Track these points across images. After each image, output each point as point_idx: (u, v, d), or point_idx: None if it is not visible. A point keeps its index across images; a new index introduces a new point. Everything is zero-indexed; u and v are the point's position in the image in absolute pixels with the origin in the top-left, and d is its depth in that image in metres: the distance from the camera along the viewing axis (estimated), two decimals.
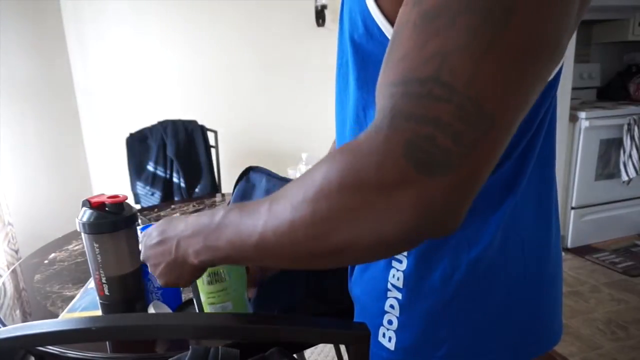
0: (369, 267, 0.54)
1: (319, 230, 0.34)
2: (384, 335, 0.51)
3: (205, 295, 0.63)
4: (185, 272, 0.51)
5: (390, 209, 0.31)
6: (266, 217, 0.38)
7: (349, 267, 0.61)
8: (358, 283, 0.57)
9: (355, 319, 0.58)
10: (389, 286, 0.50)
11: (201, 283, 0.62)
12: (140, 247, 0.56)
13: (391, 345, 0.50)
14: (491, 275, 0.48)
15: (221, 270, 0.61)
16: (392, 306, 0.50)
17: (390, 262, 0.50)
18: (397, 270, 0.50)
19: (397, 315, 0.50)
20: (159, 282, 0.54)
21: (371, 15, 0.42)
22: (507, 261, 0.48)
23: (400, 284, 0.50)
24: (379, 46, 0.43)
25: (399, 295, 0.50)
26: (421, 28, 0.32)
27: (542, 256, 0.51)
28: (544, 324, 0.52)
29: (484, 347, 0.49)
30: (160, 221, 0.55)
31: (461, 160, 0.30)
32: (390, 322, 0.51)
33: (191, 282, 0.53)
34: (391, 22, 0.41)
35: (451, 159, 0.30)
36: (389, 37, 0.41)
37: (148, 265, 0.55)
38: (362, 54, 0.46)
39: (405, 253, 0.50)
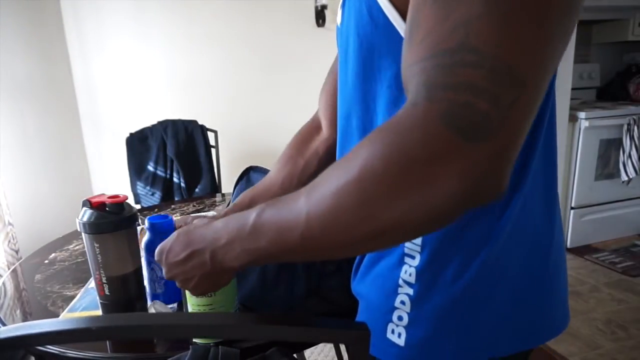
0: (377, 263, 0.54)
1: (367, 211, 0.34)
2: (392, 331, 0.51)
3: (192, 305, 0.63)
4: (222, 277, 0.52)
5: (439, 180, 0.31)
6: (307, 209, 0.37)
7: (354, 265, 0.61)
8: (364, 280, 0.56)
9: (359, 317, 0.58)
10: (401, 282, 0.51)
11: (189, 295, 0.62)
12: (160, 259, 0.55)
13: (401, 341, 0.50)
14: (500, 270, 0.48)
15: None
16: (402, 302, 0.50)
17: (403, 259, 0.51)
18: (410, 266, 0.50)
19: (408, 311, 0.50)
20: (192, 292, 0.55)
21: (378, 4, 0.43)
22: (513, 255, 0.49)
23: (412, 280, 0.50)
24: (383, 34, 0.44)
25: (411, 291, 0.50)
26: (440, 3, 0.33)
27: (546, 248, 0.52)
28: (549, 314, 0.53)
29: (492, 341, 0.49)
30: (176, 235, 0.53)
31: (501, 122, 0.31)
32: (400, 318, 0.51)
33: (227, 284, 0.54)
34: (396, 7, 0.42)
35: (491, 123, 0.31)
36: (394, 22, 0.43)
37: (176, 281, 0.54)
38: (367, 44, 0.47)
39: (418, 249, 0.50)
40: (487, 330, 0.49)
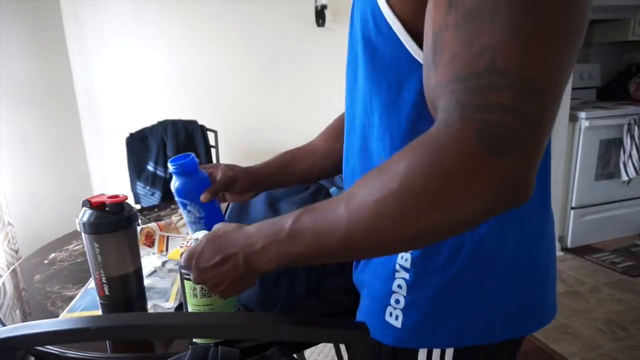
0: None
1: (408, 220, 0.37)
2: (390, 314, 0.54)
3: (192, 305, 0.63)
4: (251, 280, 0.53)
5: (474, 192, 0.35)
6: (348, 216, 0.41)
7: None
8: (366, 268, 0.59)
9: (361, 305, 0.60)
10: (397, 267, 0.54)
11: (189, 295, 0.62)
12: (190, 263, 0.55)
13: (398, 324, 0.53)
14: (492, 255, 0.51)
15: None
16: (399, 286, 0.53)
17: None
18: (406, 252, 0.53)
19: (405, 294, 0.53)
20: (220, 295, 0.56)
21: (381, 12, 0.46)
22: (505, 241, 0.51)
23: (408, 265, 0.53)
24: (387, 41, 0.47)
25: (407, 276, 0.53)
26: (464, 29, 0.36)
27: (537, 236, 0.55)
28: (535, 304, 0.55)
29: (485, 324, 0.52)
30: (206, 240, 0.55)
31: (528, 136, 0.34)
32: (397, 301, 0.53)
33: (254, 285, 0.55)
34: (400, 20, 0.45)
35: (520, 137, 0.34)
36: (397, 33, 0.46)
37: (206, 285, 0.55)
38: (371, 49, 0.50)
39: None
40: (480, 315, 0.52)
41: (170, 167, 0.75)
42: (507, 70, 0.34)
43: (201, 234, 0.73)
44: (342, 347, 1.50)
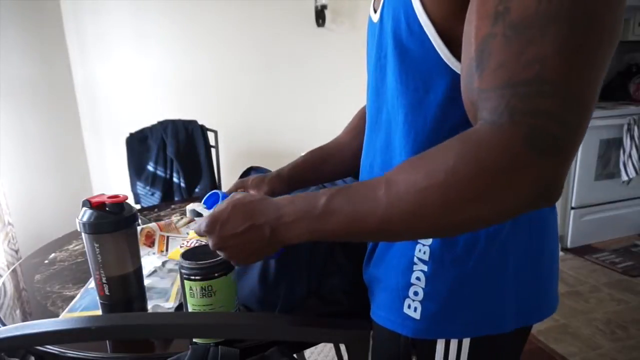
0: (392, 246, 0.59)
1: (449, 209, 0.40)
2: (409, 306, 0.56)
3: (192, 305, 0.63)
4: (274, 250, 0.54)
5: (515, 187, 0.38)
6: (387, 201, 0.43)
7: (367, 252, 0.65)
8: (381, 264, 0.61)
9: (376, 299, 0.61)
10: (415, 260, 0.55)
11: (189, 295, 0.62)
12: (213, 229, 0.54)
13: (417, 315, 0.55)
14: (505, 248, 0.53)
15: (212, 286, 0.61)
16: (418, 278, 0.55)
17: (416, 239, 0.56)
18: (424, 245, 0.55)
19: (423, 286, 0.55)
20: (238, 262, 0.56)
21: (415, 13, 0.48)
22: (517, 235, 0.54)
23: (426, 257, 0.55)
24: (418, 42, 0.50)
25: (425, 268, 0.55)
26: (513, 39, 0.38)
27: (543, 232, 0.57)
28: (542, 293, 0.58)
29: (499, 314, 0.54)
30: (232, 207, 0.53)
31: (568, 142, 0.38)
32: (416, 293, 0.55)
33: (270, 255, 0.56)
34: (433, 22, 0.48)
35: (561, 143, 0.37)
36: (429, 35, 0.48)
37: (225, 252, 0.55)
38: (401, 49, 0.52)
39: None
40: (494, 306, 0.54)
41: (203, 210, 0.71)
42: (555, 80, 0.37)
43: (197, 205, 0.71)
44: (342, 347, 1.50)
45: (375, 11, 0.59)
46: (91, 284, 0.86)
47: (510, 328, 0.55)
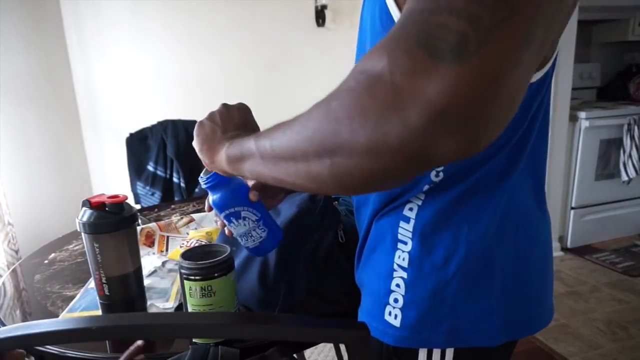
0: (374, 251, 0.57)
1: (328, 126, 0.32)
2: (390, 313, 0.54)
3: (192, 306, 0.63)
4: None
5: (402, 100, 0.27)
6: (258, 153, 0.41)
7: (356, 255, 0.64)
8: (365, 267, 0.60)
9: (362, 304, 0.60)
10: (395, 266, 0.54)
11: (189, 295, 0.62)
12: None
13: (397, 323, 0.53)
14: (488, 256, 0.51)
15: (212, 286, 0.61)
16: (398, 285, 0.53)
17: (396, 245, 0.54)
18: (403, 251, 0.53)
19: (403, 293, 0.53)
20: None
21: (389, 11, 0.45)
22: (502, 243, 0.52)
23: (405, 264, 0.53)
24: None
25: (405, 275, 0.53)
26: None
27: (532, 237, 0.55)
28: (533, 306, 0.56)
29: (484, 326, 0.52)
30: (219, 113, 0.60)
31: (480, 45, 0.27)
32: (396, 300, 0.53)
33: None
34: None
35: (469, 44, 0.27)
36: None
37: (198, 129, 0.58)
38: None
39: (410, 235, 0.53)
40: (478, 317, 0.52)
41: (203, 183, 0.71)
42: None
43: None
44: (342, 347, 1.49)
45: None
46: (91, 284, 0.86)
47: (498, 341, 0.52)
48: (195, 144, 0.58)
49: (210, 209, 0.64)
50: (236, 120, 0.58)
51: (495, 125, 0.29)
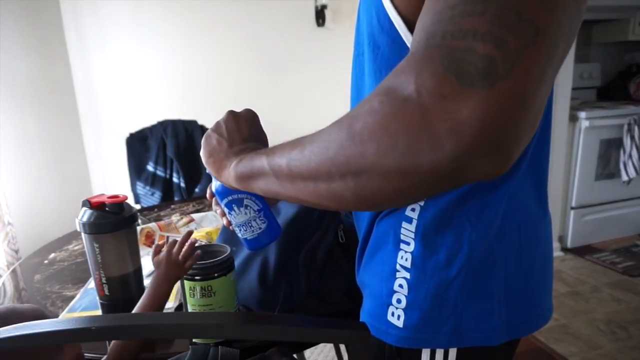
0: (377, 252, 0.57)
1: (352, 146, 0.33)
2: (392, 314, 0.54)
3: (192, 305, 0.63)
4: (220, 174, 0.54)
5: (430, 128, 0.28)
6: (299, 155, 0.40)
7: (357, 256, 0.64)
8: (367, 268, 0.59)
9: (364, 305, 0.60)
10: (398, 267, 0.54)
11: (189, 295, 0.62)
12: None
13: (400, 323, 0.53)
14: (491, 256, 0.51)
15: (212, 286, 0.61)
16: (401, 286, 0.53)
17: (399, 245, 0.54)
18: (405, 252, 0.53)
19: (406, 294, 0.53)
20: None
21: (385, 10, 0.46)
22: (504, 243, 0.52)
23: (408, 265, 0.53)
24: (389, 39, 0.47)
25: (408, 275, 0.53)
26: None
27: (534, 236, 0.55)
28: (535, 304, 0.56)
29: (485, 324, 0.52)
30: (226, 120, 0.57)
31: (509, 68, 0.27)
32: (399, 301, 0.53)
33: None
34: (403, 18, 0.45)
35: (496, 67, 0.27)
36: (399, 30, 0.45)
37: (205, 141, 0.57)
38: (375, 45, 0.50)
39: (412, 236, 0.52)
40: (481, 316, 0.52)
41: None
42: None
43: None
44: (342, 347, 1.49)
45: None
46: (91, 284, 0.86)
47: (501, 340, 0.52)
48: (202, 155, 0.57)
49: (212, 197, 0.63)
50: (244, 131, 0.56)
51: (524, 142, 0.30)
